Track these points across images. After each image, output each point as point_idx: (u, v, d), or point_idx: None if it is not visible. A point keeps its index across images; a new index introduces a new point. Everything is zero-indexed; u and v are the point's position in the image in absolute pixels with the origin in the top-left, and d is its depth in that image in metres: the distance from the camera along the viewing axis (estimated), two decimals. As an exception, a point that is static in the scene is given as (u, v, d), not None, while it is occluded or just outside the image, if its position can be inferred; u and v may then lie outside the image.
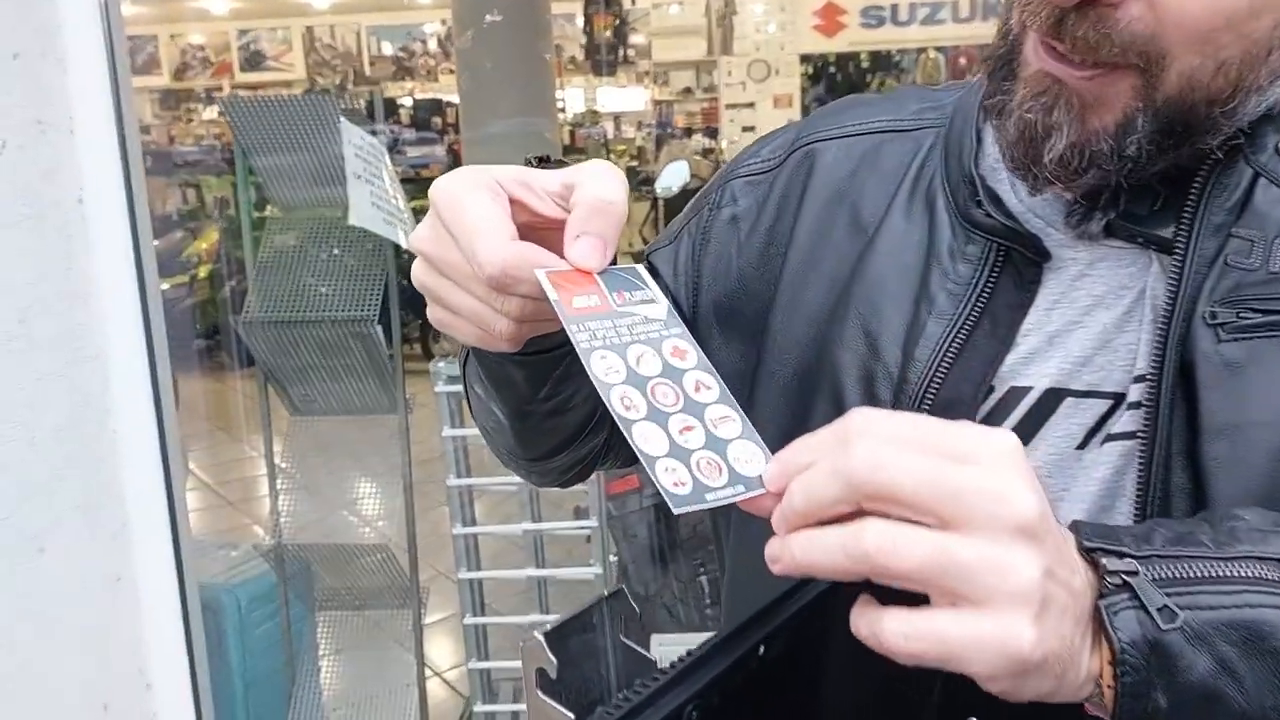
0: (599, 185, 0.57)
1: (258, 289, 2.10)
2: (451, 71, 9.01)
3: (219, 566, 2.40)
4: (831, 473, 0.46)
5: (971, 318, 0.65)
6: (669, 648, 2.29)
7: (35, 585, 1.86)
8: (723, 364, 0.77)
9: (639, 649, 0.51)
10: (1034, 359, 0.64)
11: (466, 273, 0.57)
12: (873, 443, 0.45)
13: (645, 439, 0.51)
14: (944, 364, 0.65)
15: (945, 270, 0.67)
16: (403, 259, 2.23)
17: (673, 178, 4.25)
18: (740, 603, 0.80)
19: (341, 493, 3.99)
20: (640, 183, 7.70)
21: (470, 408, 0.80)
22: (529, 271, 0.55)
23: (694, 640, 0.48)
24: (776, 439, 0.74)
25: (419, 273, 0.62)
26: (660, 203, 7.07)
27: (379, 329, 2.05)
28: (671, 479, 0.49)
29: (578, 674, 0.49)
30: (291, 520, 2.74)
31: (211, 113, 11.84)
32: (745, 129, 8.04)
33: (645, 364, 0.54)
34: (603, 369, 0.53)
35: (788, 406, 0.73)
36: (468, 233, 0.56)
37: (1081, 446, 0.63)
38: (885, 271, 0.69)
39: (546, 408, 0.71)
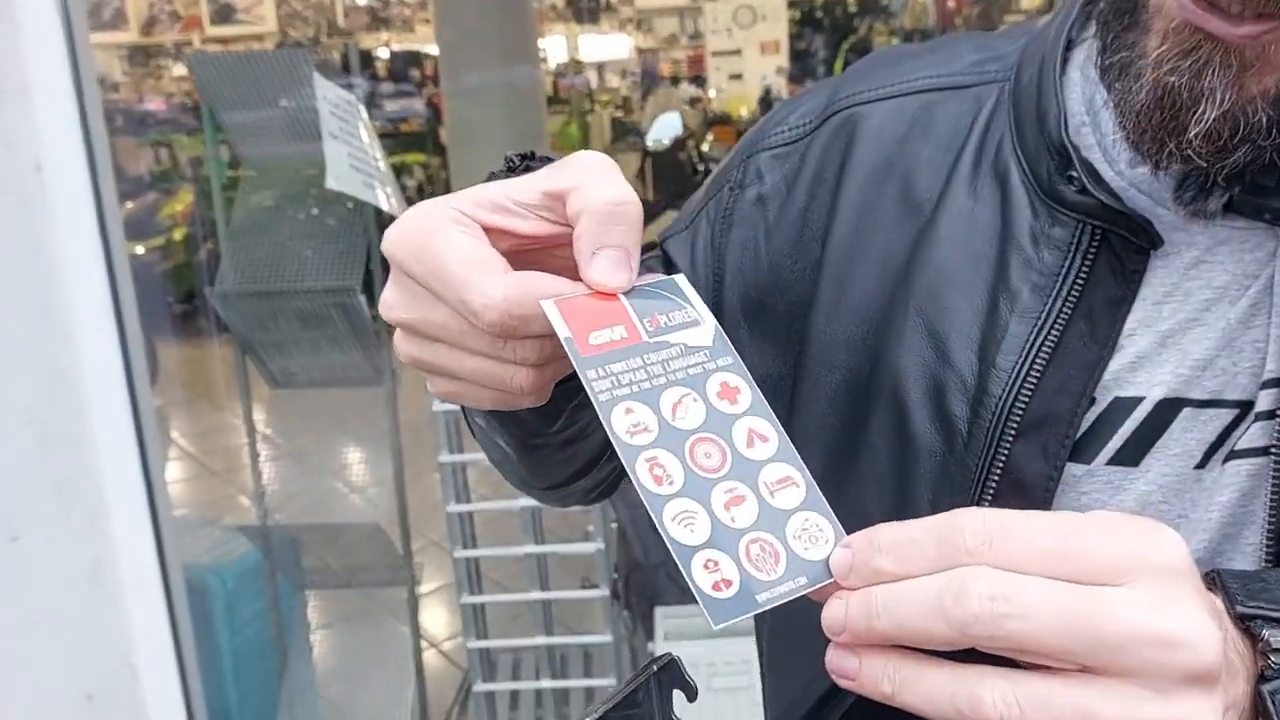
0: (604, 185, 0.46)
1: (232, 256, 1.98)
2: (429, 21, 8.78)
3: (203, 546, 2.32)
4: (937, 611, 0.36)
5: (1063, 316, 0.55)
6: (674, 620, 2.22)
7: (10, 573, 1.77)
8: (754, 369, 0.67)
9: (698, 731, 0.42)
10: (1143, 364, 0.54)
11: (460, 329, 0.47)
12: (993, 576, 0.36)
13: (680, 522, 0.40)
14: (1034, 372, 0.54)
15: (1027, 258, 0.56)
16: (385, 219, 2.12)
17: (664, 130, 4.14)
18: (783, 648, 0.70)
19: (329, 461, 3.90)
20: (628, 133, 7.54)
21: (470, 430, 0.70)
22: (538, 305, 0.45)
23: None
24: (823, 457, 0.62)
25: (402, 346, 0.51)
26: (649, 156, 6.92)
27: (362, 299, 1.95)
28: (711, 579, 0.39)
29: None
30: (279, 490, 2.65)
31: (181, 69, 11.58)
32: (732, 76, 7.87)
33: (684, 413, 0.43)
34: (626, 427, 0.42)
35: (837, 418, 0.62)
36: (450, 280, 0.46)
37: (1201, 465, 0.53)
38: (951, 259, 0.59)
39: (561, 438, 0.62)
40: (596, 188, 0.46)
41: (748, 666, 2.01)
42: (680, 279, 0.49)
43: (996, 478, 0.54)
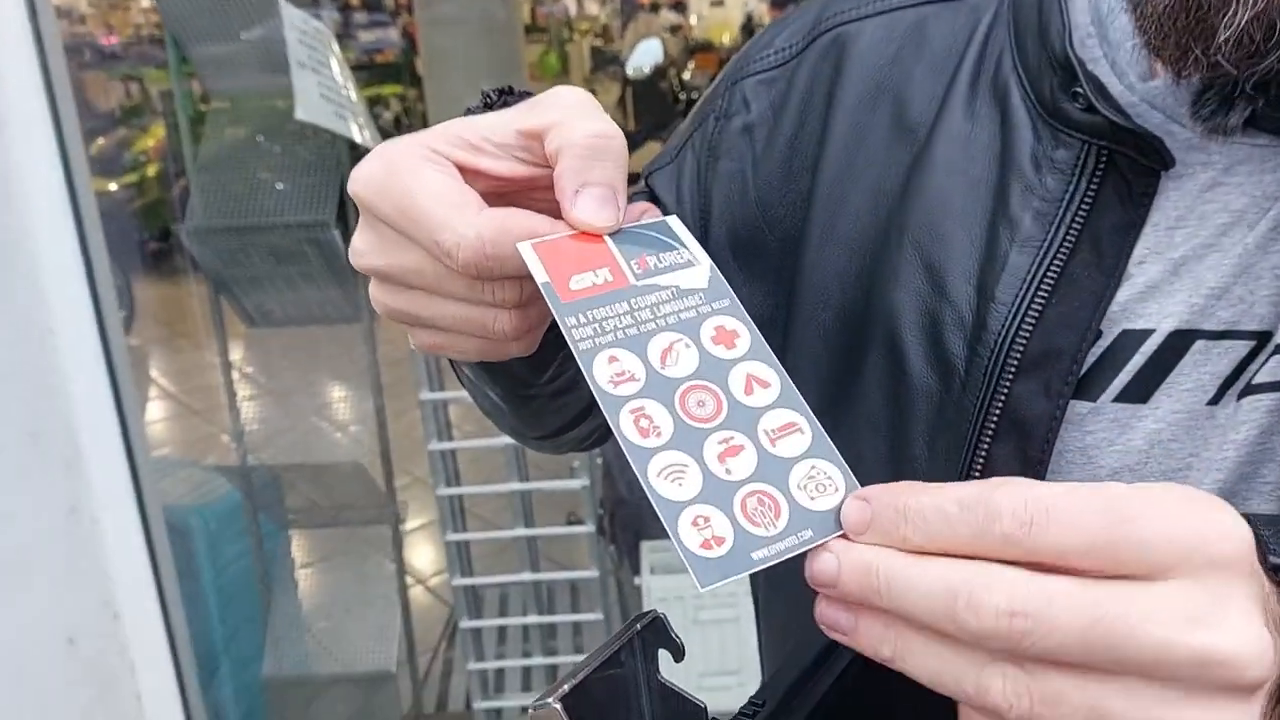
0: (584, 120, 0.43)
1: (201, 192, 1.93)
2: (402, -52, 8.55)
3: (185, 487, 2.30)
4: (947, 613, 0.33)
5: (1067, 244, 0.51)
6: (660, 554, 2.22)
7: (-17, 522, 1.75)
8: (747, 308, 0.65)
9: (682, 691, 0.40)
10: (1154, 294, 0.50)
11: (436, 273, 0.44)
12: (1014, 586, 0.32)
13: (666, 477, 0.37)
14: (1035, 305, 0.51)
15: (1028, 184, 0.53)
16: (359, 152, 2.07)
17: (644, 57, 4.05)
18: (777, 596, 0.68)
19: (312, 398, 3.86)
20: (608, 62, 7.39)
21: (459, 380, 0.67)
22: (515, 245, 0.42)
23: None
24: (817, 399, 0.58)
25: (378, 296, 0.48)
26: (630, 85, 6.79)
27: (336, 233, 1.90)
28: (700, 537, 0.35)
29: (603, 728, 0.38)
30: (262, 428, 2.63)
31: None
32: (714, 3, 7.72)
33: (675, 360, 0.40)
34: (609, 376, 0.39)
35: (830, 359, 0.59)
36: (422, 220, 0.43)
37: (1214, 401, 0.50)
38: (946, 187, 0.55)
39: (551, 389, 0.59)
40: (576, 123, 0.43)
41: (734, 599, 2.01)
42: (674, 220, 0.45)
43: (995, 418, 0.51)
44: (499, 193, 0.47)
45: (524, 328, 0.46)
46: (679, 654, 0.40)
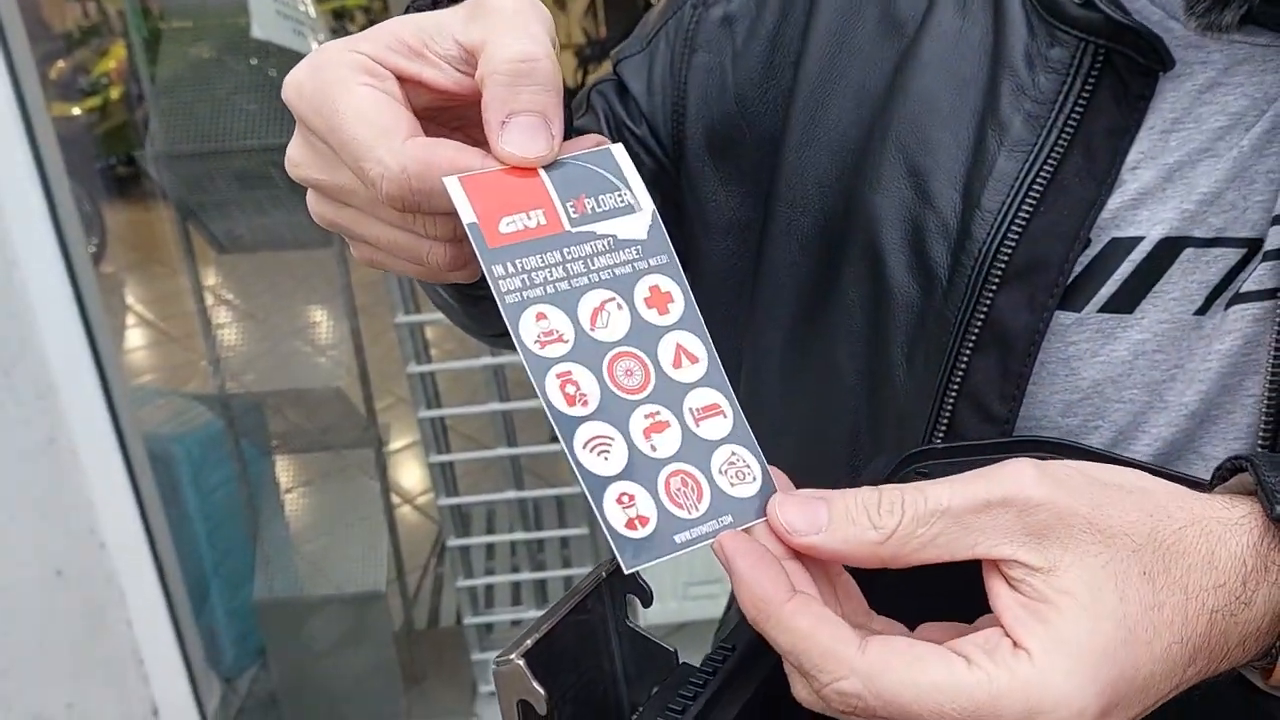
0: (509, 41, 0.40)
1: (161, 116, 1.88)
2: None
3: (164, 415, 2.29)
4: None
5: (1058, 149, 0.49)
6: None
7: (-41, 459, 1.74)
8: (722, 213, 0.61)
9: (650, 637, 0.40)
10: (1146, 201, 0.49)
11: (369, 197, 0.42)
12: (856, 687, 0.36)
13: (593, 449, 0.36)
14: (1022, 213, 0.49)
15: (1020, 84, 0.50)
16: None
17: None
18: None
19: (290, 320, 3.84)
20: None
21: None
22: (440, 180, 0.39)
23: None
24: (794, 308, 0.58)
25: (315, 207, 0.46)
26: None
27: (301, 154, 1.85)
28: (625, 516, 0.35)
29: (572, 676, 0.37)
30: (243, 352, 2.61)
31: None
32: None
33: (605, 322, 0.38)
34: (536, 335, 0.37)
35: (809, 267, 0.57)
36: (348, 145, 0.40)
37: (1201, 311, 0.49)
38: (934, 87, 0.53)
39: None
40: (501, 45, 0.40)
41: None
42: (618, 150, 0.42)
43: (976, 330, 0.50)
44: (445, 107, 0.45)
45: (460, 261, 0.44)
46: (648, 599, 0.39)
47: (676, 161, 0.63)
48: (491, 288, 0.38)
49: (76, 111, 5.04)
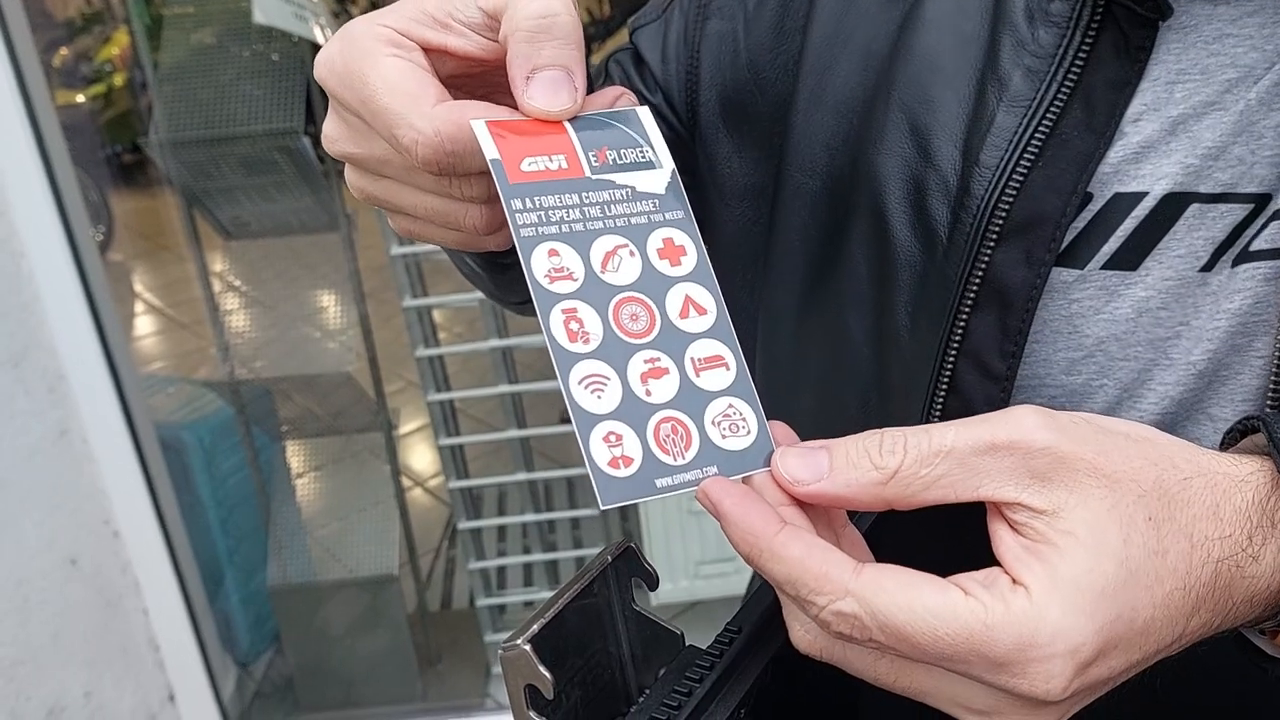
0: (530, 0, 0.41)
1: (164, 102, 1.87)
2: None
3: (176, 403, 2.30)
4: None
5: (1058, 102, 0.48)
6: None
7: (-29, 451, 1.75)
8: (736, 179, 0.61)
9: (657, 619, 0.39)
10: (1149, 154, 0.48)
11: (404, 165, 0.43)
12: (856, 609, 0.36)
13: (587, 386, 0.36)
14: (1020, 168, 0.49)
15: (1020, 38, 0.50)
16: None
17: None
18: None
19: (299, 307, 3.84)
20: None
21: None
22: (472, 140, 0.40)
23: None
24: (804, 271, 0.58)
25: (352, 180, 0.47)
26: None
27: (306, 140, 1.85)
28: (610, 455, 0.35)
29: (579, 659, 0.37)
30: (250, 339, 2.61)
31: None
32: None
33: (616, 266, 0.39)
34: (547, 270, 0.37)
35: (818, 230, 0.57)
36: (380, 115, 0.41)
37: (1207, 268, 0.48)
38: (935, 45, 0.52)
39: None
40: (522, 4, 0.41)
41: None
42: (644, 112, 0.43)
43: (975, 288, 0.50)
44: (471, 74, 0.45)
45: (496, 223, 0.44)
46: (653, 582, 0.39)
47: (692, 129, 0.63)
48: (509, 221, 0.39)
49: (81, 99, 5.04)
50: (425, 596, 2.47)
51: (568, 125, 0.41)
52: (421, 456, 3.23)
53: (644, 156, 0.41)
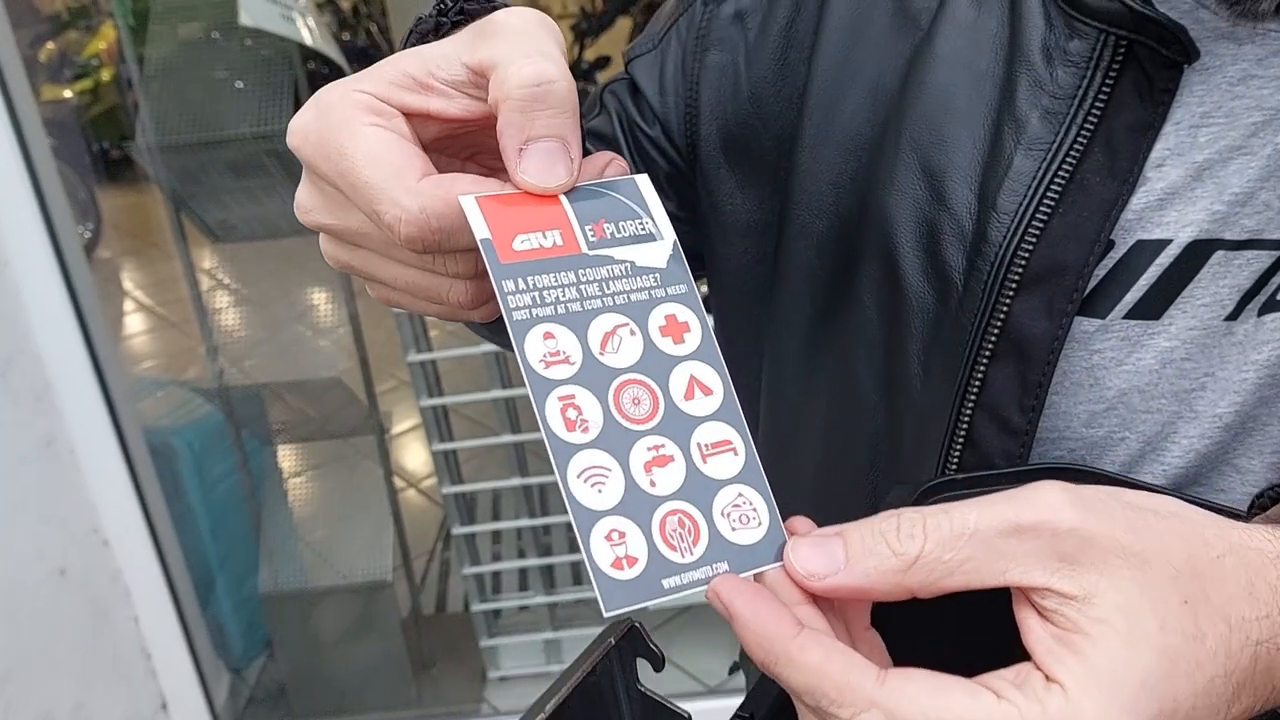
0: (523, 62, 0.38)
1: (151, 103, 1.84)
2: None
3: (165, 408, 2.27)
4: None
5: (1078, 146, 0.46)
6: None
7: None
8: (739, 215, 0.59)
9: (664, 701, 0.37)
10: (1173, 201, 0.46)
11: (384, 239, 0.40)
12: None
13: (587, 479, 0.34)
14: (1040, 215, 0.46)
15: (1038, 78, 0.48)
16: (309, 52, 1.97)
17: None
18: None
19: (289, 307, 3.81)
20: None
21: None
22: (460, 216, 0.37)
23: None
24: (811, 314, 0.55)
25: (328, 250, 0.44)
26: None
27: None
28: (613, 555, 0.33)
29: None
30: (240, 339, 2.58)
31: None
32: None
33: (616, 347, 0.36)
34: (542, 354, 0.35)
35: (825, 271, 0.55)
36: (361, 190, 0.38)
37: (1233, 317, 0.46)
38: (949, 83, 0.50)
39: None
40: (514, 66, 0.38)
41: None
42: (642, 181, 0.40)
43: (993, 338, 0.48)
44: (455, 135, 0.43)
45: (482, 297, 0.42)
46: (659, 663, 0.37)
47: (691, 163, 0.61)
48: (500, 304, 0.37)
49: (68, 95, 4.99)
50: (419, 600, 2.45)
51: (562, 197, 0.39)
52: (415, 456, 3.20)
53: (643, 229, 0.39)
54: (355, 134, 0.39)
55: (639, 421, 0.36)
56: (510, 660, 2.25)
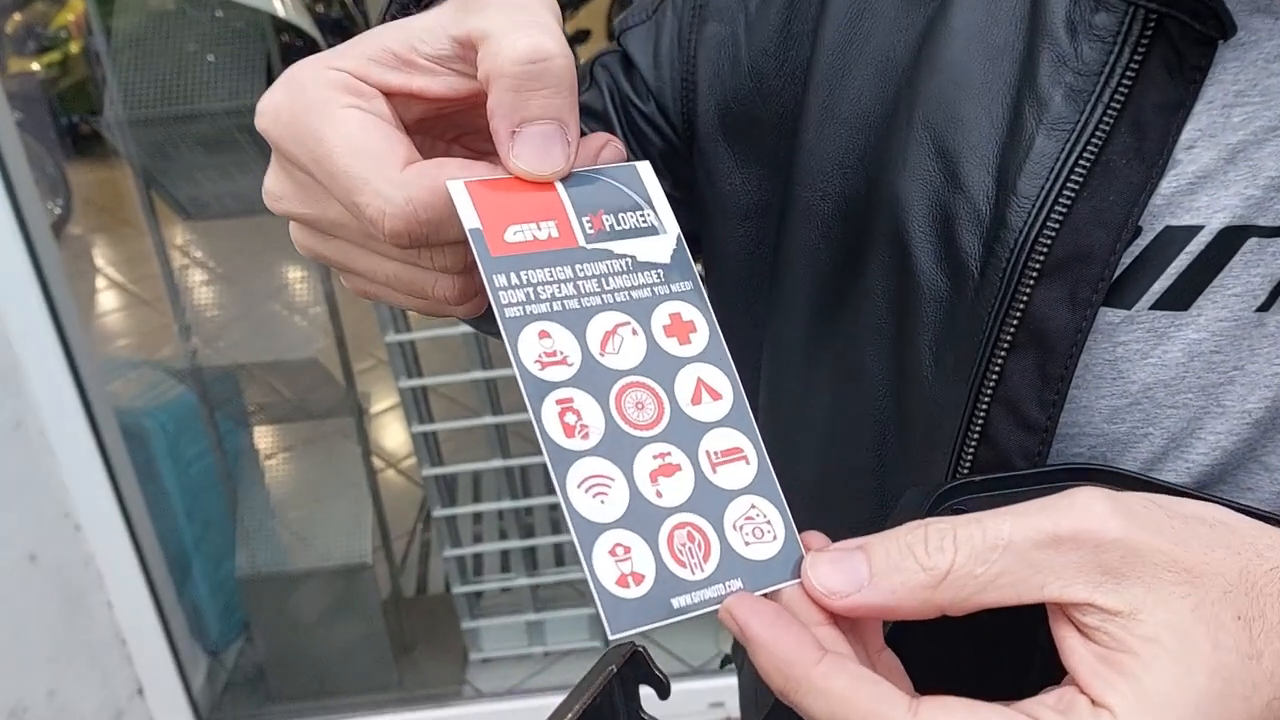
0: (517, 35, 0.34)
1: (120, 75, 1.79)
2: None
3: (137, 389, 2.22)
4: None
5: (1104, 127, 0.43)
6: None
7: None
8: (738, 196, 0.56)
9: (664, 728, 0.35)
10: (1204, 185, 0.43)
11: (362, 229, 0.37)
12: None
13: (588, 490, 0.31)
14: (1063, 199, 0.44)
15: (1061, 54, 0.45)
16: (284, 37, 1.92)
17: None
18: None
19: (265, 284, 3.75)
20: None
21: None
22: (449, 206, 0.34)
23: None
24: (815, 302, 0.52)
25: (299, 239, 0.41)
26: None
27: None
28: (617, 571, 0.30)
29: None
30: (214, 317, 2.54)
31: None
32: None
33: (617, 347, 0.34)
34: (537, 355, 0.32)
35: (830, 254, 0.52)
36: (339, 178, 0.35)
37: (1265, 308, 0.43)
38: (964, 58, 0.47)
39: None
40: (507, 40, 0.34)
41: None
42: (643, 167, 0.38)
43: (1012, 329, 0.45)
44: (441, 114, 0.39)
45: (469, 292, 0.39)
46: (664, 690, 0.34)
47: (688, 141, 0.57)
48: (490, 299, 0.34)
49: (35, 67, 4.89)
50: (399, 582, 2.42)
51: (558, 184, 0.36)
52: (394, 436, 3.16)
53: (645, 221, 0.36)
54: (331, 117, 0.35)
55: (643, 427, 0.33)
56: (492, 642, 2.23)
